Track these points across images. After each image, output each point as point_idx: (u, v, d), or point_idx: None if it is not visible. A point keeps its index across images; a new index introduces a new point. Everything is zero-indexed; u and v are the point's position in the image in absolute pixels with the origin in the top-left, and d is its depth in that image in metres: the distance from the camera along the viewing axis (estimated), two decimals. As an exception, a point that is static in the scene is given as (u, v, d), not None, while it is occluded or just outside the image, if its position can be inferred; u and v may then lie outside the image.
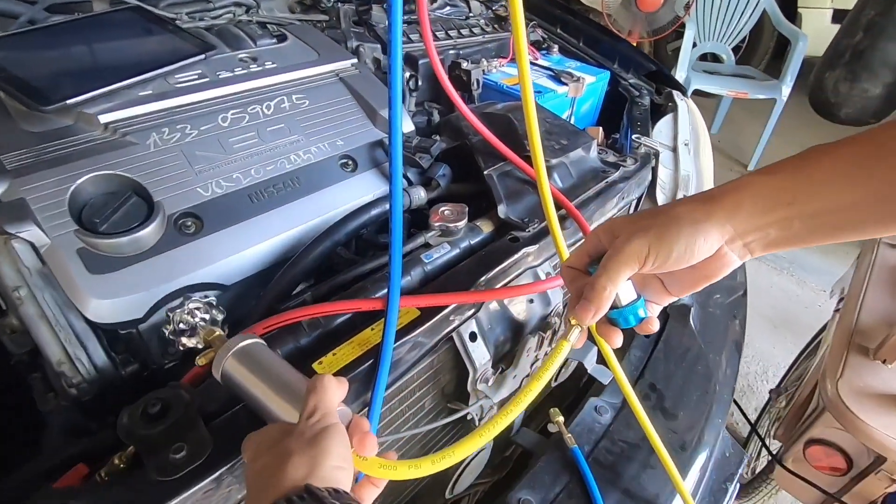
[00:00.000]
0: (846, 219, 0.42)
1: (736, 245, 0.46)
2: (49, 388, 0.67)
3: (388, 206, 0.82)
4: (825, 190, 0.42)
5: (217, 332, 0.54)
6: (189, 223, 0.71)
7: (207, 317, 0.58)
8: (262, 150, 0.81)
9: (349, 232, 0.76)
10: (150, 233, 0.67)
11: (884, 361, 0.92)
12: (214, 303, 0.60)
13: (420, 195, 0.83)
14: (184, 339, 0.58)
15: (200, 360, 0.53)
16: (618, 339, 0.52)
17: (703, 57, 3.25)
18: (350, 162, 0.87)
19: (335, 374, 0.53)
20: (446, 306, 0.61)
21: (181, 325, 0.58)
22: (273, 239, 0.76)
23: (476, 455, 0.73)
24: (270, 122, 0.84)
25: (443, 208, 0.74)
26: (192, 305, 0.59)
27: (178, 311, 0.58)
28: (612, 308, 0.49)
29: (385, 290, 0.59)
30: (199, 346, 0.58)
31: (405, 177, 0.88)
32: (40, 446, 0.69)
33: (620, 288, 0.48)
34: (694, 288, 0.50)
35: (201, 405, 0.51)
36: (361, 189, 0.85)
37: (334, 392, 0.43)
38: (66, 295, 0.62)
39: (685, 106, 1.26)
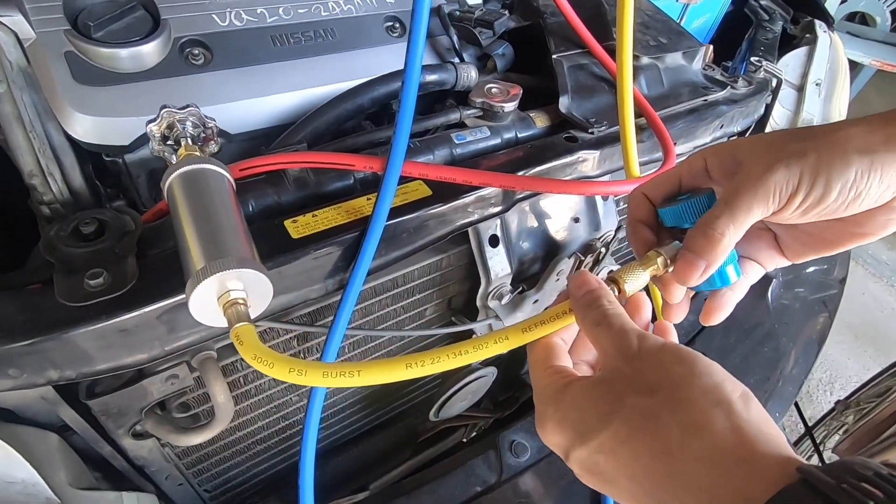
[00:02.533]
0: None
1: None
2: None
3: (431, 78, 0.70)
4: None
5: (192, 151, 0.44)
6: (197, 52, 0.61)
7: (196, 132, 0.48)
8: (295, -12, 0.69)
9: (377, 98, 0.64)
10: (149, 52, 0.58)
11: None
12: (207, 119, 0.50)
13: (471, 74, 0.68)
14: (167, 156, 0.49)
15: (163, 184, 0.43)
16: (679, 313, 0.38)
17: (852, 17, 2.74)
18: (398, 25, 0.73)
19: (311, 238, 0.43)
20: (465, 189, 0.48)
21: (168, 140, 0.47)
22: (291, 93, 0.65)
23: (469, 383, 0.63)
24: (310, -43, 0.71)
25: (490, 85, 0.60)
26: (183, 113, 0.48)
27: (165, 114, 0.47)
28: None
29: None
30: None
31: (457, 52, 0.73)
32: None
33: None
34: (825, 250, 0.35)
35: (148, 240, 0.42)
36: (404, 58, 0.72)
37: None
38: (46, 102, 0.55)
39: (827, 40, 1.00)
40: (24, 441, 0.38)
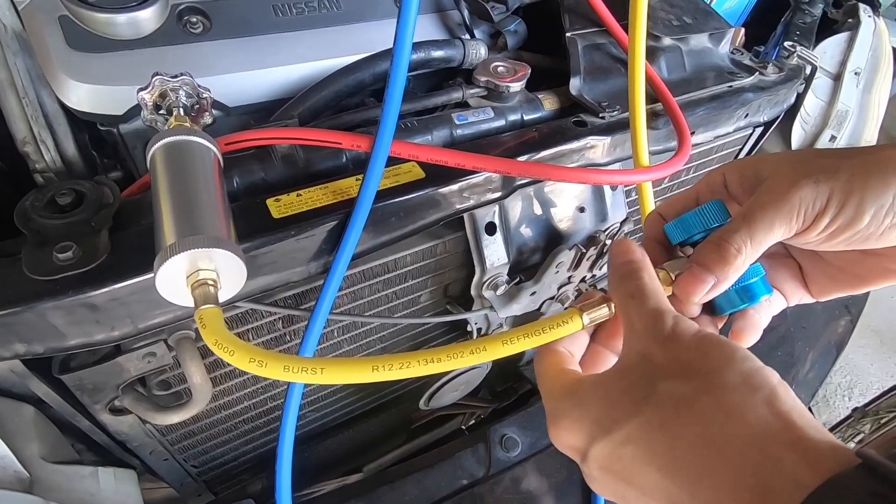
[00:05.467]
0: None
1: None
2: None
3: (437, 54, 0.67)
4: None
5: (182, 121, 0.43)
6: (195, 20, 0.59)
7: (189, 103, 0.47)
8: (300, -44, 0.66)
9: (379, 73, 0.61)
10: (146, 18, 0.56)
11: None
12: (201, 89, 0.48)
13: (480, 52, 0.65)
14: (159, 125, 0.47)
15: (147, 153, 0.42)
16: None
17: (903, 4, 2.57)
18: (407, -2, 0.70)
19: (293, 218, 0.42)
20: (462, 173, 0.45)
21: (160, 110, 0.46)
22: (293, 66, 0.63)
23: (462, 373, 0.61)
24: (317, -76, 0.68)
25: (496, 63, 0.57)
26: (176, 82, 0.46)
27: (157, 82, 0.46)
28: None
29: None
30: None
31: (468, 28, 0.70)
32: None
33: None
34: (854, 287, 0.32)
35: (129, 214, 0.41)
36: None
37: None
38: (40, 68, 0.54)
39: (872, 25, 0.93)
40: (-5, 412, 0.37)
